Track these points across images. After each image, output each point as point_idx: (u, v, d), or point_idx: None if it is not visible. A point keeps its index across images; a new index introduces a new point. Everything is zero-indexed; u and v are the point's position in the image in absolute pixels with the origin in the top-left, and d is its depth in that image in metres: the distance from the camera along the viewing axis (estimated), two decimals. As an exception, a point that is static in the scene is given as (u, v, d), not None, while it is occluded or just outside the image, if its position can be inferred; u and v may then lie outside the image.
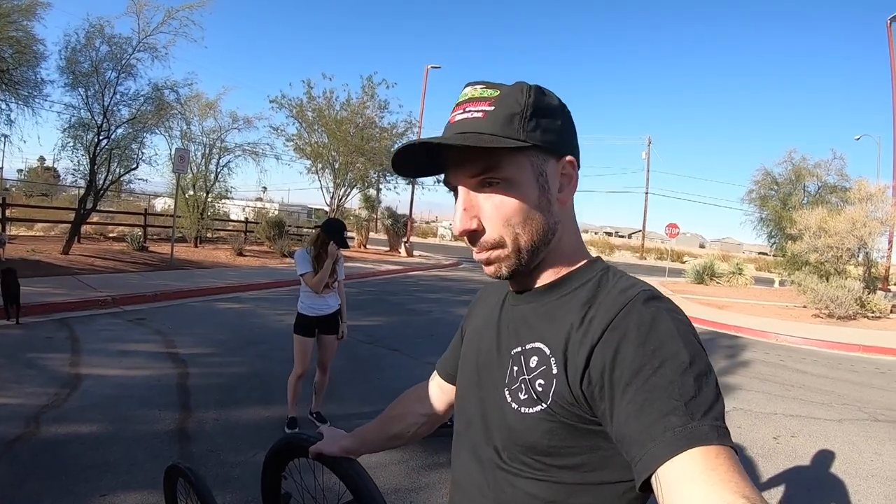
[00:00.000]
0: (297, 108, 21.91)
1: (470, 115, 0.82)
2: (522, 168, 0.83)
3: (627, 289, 0.80)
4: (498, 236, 0.84)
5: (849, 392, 6.76)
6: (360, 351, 6.77)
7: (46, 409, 4.18)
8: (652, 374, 0.69)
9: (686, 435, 0.63)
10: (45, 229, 17.43)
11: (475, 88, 0.84)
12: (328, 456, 1.26)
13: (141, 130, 13.96)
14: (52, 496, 2.99)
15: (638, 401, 0.68)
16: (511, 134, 0.80)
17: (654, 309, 0.75)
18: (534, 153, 0.83)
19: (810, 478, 4.12)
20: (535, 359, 0.83)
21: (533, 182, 0.83)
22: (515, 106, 0.81)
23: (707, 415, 0.66)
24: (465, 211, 0.85)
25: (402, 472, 3.65)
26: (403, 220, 27.35)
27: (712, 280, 23.16)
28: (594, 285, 0.85)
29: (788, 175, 21.66)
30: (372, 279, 15.67)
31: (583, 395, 0.76)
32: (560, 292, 0.88)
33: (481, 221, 0.85)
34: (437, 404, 1.25)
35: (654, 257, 47.19)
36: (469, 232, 0.85)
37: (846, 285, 13.53)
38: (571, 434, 0.79)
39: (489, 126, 0.80)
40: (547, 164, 0.85)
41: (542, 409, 0.80)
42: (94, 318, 7.51)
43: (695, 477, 0.60)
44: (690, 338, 0.73)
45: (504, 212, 0.83)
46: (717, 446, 0.63)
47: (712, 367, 0.72)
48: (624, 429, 0.69)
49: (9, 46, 10.55)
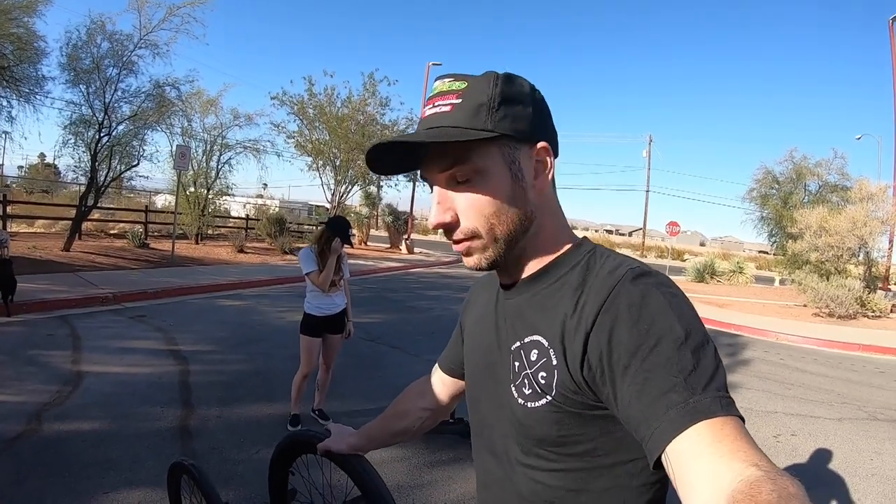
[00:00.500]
0: (299, 104, 21.92)
1: (438, 109, 0.82)
2: (493, 158, 0.82)
3: (615, 269, 0.80)
4: (473, 227, 0.84)
5: (849, 391, 6.76)
6: (361, 348, 6.77)
7: (48, 406, 4.18)
8: (649, 352, 0.68)
9: (689, 410, 0.63)
10: (45, 226, 17.43)
11: (444, 82, 0.84)
12: (336, 453, 1.28)
13: (142, 127, 13.96)
14: (54, 494, 3.00)
15: (638, 381, 0.68)
16: (478, 125, 0.79)
17: (643, 286, 0.75)
18: (504, 142, 0.82)
19: (810, 476, 4.13)
20: (535, 352, 0.83)
21: (505, 171, 0.83)
22: (482, 97, 0.80)
23: (708, 387, 0.65)
24: (440, 204, 0.85)
25: (404, 468, 3.66)
26: (404, 217, 27.33)
27: (713, 278, 23.14)
28: (583, 269, 0.84)
29: (789, 174, 21.66)
30: (373, 276, 15.67)
31: (584, 381, 0.76)
32: (549, 280, 0.87)
33: (456, 214, 0.85)
34: (439, 398, 1.25)
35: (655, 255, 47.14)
36: (444, 225, 0.85)
37: (846, 284, 13.53)
38: (579, 422, 0.79)
39: (456, 119, 0.80)
40: (519, 152, 0.84)
41: (547, 402, 0.80)
42: (96, 315, 7.52)
43: (702, 451, 0.60)
44: (684, 310, 0.73)
45: (477, 203, 0.83)
46: (721, 417, 0.63)
47: (710, 337, 0.72)
48: (629, 411, 0.69)
49: (10, 43, 10.54)
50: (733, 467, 0.57)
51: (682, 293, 0.77)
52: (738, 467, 0.56)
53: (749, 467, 0.56)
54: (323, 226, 4.29)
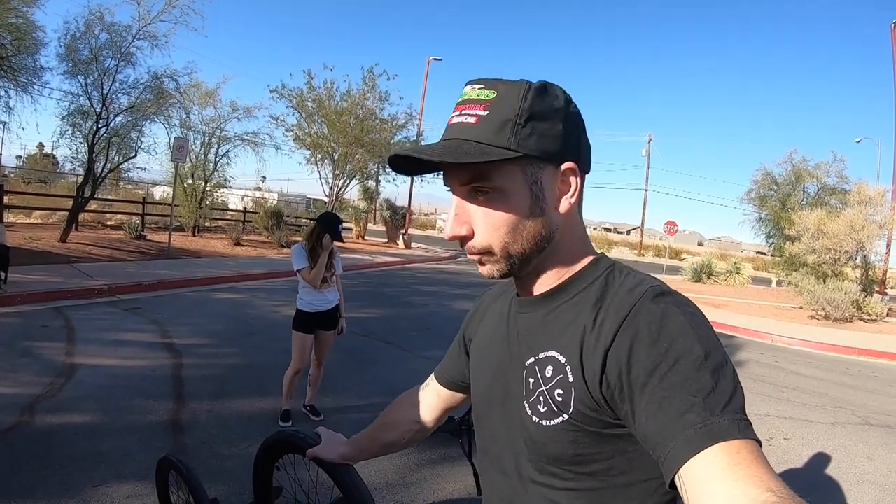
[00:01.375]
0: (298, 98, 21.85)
1: (464, 119, 0.80)
2: (513, 177, 0.80)
3: (635, 287, 0.79)
4: (487, 244, 0.83)
5: (842, 395, 6.78)
6: (354, 343, 6.76)
7: (41, 398, 4.18)
8: (667, 371, 0.68)
9: (706, 432, 0.62)
10: (42, 217, 17.39)
11: (474, 88, 0.82)
12: (326, 461, 1.27)
13: (140, 119, 13.93)
14: (45, 486, 3.00)
15: (656, 400, 0.67)
16: (501, 142, 0.77)
17: (663, 305, 0.74)
18: (527, 161, 0.80)
19: (802, 481, 4.13)
20: (551, 368, 0.82)
21: (525, 191, 0.81)
22: (510, 111, 0.78)
23: (726, 409, 0.65)
24: (457, 216, 0.84)
25: (393, 467, 3.66)
26: (402, 212, 27.31)
27: (710, 279, 23.18)
28: (601, 285, 0.83)
29: (788, 176, 21.70)
30: (369, 271, 15.68)
31: (603, 398, 0.75)
32: (566, 296, 0.86)
33: (472, 227, 0.83)
34: (432, 412, 1.23)
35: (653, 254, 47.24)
36: (459, 238, 0.84)
37: (843, 288, 13.57)
38: (596, 440, 0.78)
39: (480, 133, 0.78)
40: (543, 172, 0.82)
41: (564, 420, 0.79)
42: (90, 307, 7.51)
43: (717, 473, 0.59)
44: (704, 331, 0.72)
45: (493, 221, 0.82)
46: (739, 440, 0.62)
47: (729, 359, 0.71)
48: (646, 429, 0.68)
49: (9, 33, 10.50)
50: (748, 492, 0.56)
51: (702, 313, 0.77)
52: (753, 493, 0.56)
53: (764, 492, 0.55)
54: (314, 222, 4.29)
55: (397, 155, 0.81)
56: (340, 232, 4.17)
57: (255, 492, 1.57)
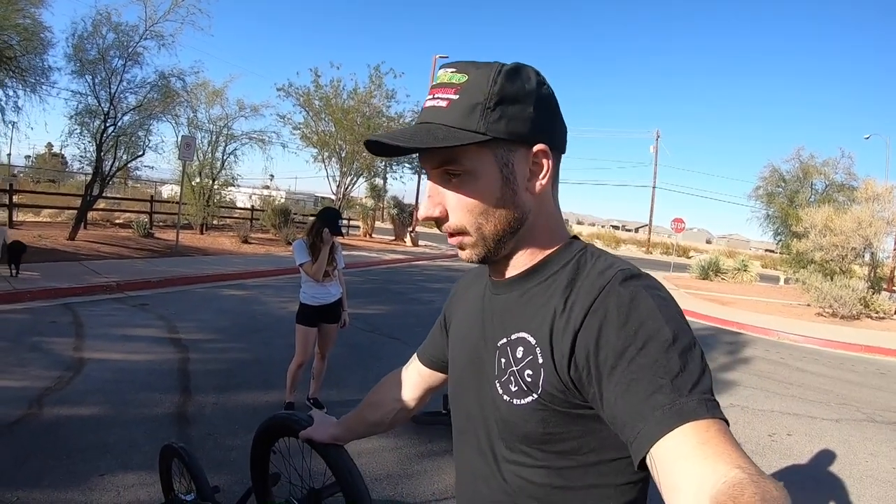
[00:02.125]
0: (305, 96, 21.91)
1: (436, 102, 0.81)
2: (484, 160, 0.81)
3: (605, 269, 0.80)
4: (460, 225, 0.85)
5: (848, 392, 6.75)
6: (360, 339, 6.81)
7: (49, 391, 4.23)
8: (636, 354, 0.69)
9: (675, 412, 0.63)
10: (51, 215, 17.52)
11: (446, 72, 0.83)
12: (318, 442, 1.30)
13: (147, 118, 13.99)
14: (52, 475, 3.05)
15: (624, 382, 0.68)
16: (471, 126, 0.78)
17: (632, 288, 0.75)
18: (498, 144, 0.81)
19: (804, 476, 4.13)
20: (521, 349, 0.83)
21: (496, 174, 0.82)
22: (478, 95, 0.78)
23: (694, 389, 0.65)
24: (430, 198, 0.86)
25: (394, 458, 3.69)
26: (409, 209, 27.30)
27: (717, 276, 23.08)
28: (573, 268, 0.84)
29: (796, 172, 21.62)
30: (376, 268, 15.72)
31: (571, 381, 0.76)
32: (539, 278, 0.87)
33: (445, 209, 0.85)
34: (414, 391, 1.25)
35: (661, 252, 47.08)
36: (432, 218, 0.86)
37: (850, 285, 13.48)
38: (564, 420, 0.80)
39: (450, 117, 0.79)
40: (514, 155, 0.82)
41: (533, 400, 0.80)
42: (99, 304, 7.58)
43: (687, 453, 0.60)
44: (672, 313, 0.73)
45: (465, 202, 0.83)
46: (707, 420, 0.63)
47: (697, 341, 0.72)
48: (614, 410, 0.69)
49: (16, 34, 10.58)
50: (717, 469, 0.57)
51: (671, 296, 0.78)
52: (722, 469, 0.57)
53: (733, 469, 0.56)
54: (314, 218, 4.35)
55: (370, 140, 0.83)
56: (340, 226, 4.24)
57: (253, 477, 1.59)
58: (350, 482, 1.26)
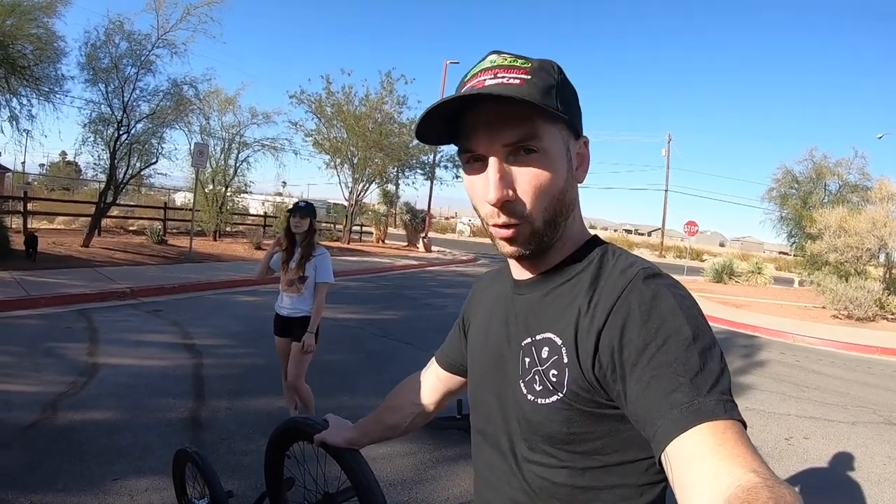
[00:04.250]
0: (316, 103, 22.09)
1: (504, 80, 0.78)
2: (557, 141, 0.82)
3: (627, 268, 0.80)
4: (530, 209, 0.81)
5: (864, 394, 6.67)
6: (373, 344, 6.82)
7: (63, 396, 4.26)
8: (656, 351, 0.69)
9: (693, 411, 0.63)
10: (66, 222, 17.71)
11: (503, 57, 0.82)
12: (333, 446, 1.30)
13: (160, 125, 14.16)
14: (65, 479, 3.06)
15: (645, 379, 0.68)
16: (550, 104, 0.78)
17: (654, 287, 0.76)
18: (564, 128, 0.83)
19: (821, 480, 4.08)
20: (547, 349, 0.83)
21: (564, 156, 0.83)
22: (550, 79, 0.80)
23: (713, 389, 0.65)
24: (502, 179, 0.80)
25: (409, 464, 3.68)
26: (422, 215, 27.39)
27: (731, 279, 22.92)
28: (596, 267, 0.84)
29: (809, 173, 21.44)
30: (389, 274, 15.74)
31: (596, 380, 0.77)
32: (563, 277, 0.87)
33: (516, 192, 0.81)
34: (432, 394, 1.25)
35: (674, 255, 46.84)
36: (506, 200, 0.80)
37: (866, 286, 13.34)
38: (589, 420, 0.80)
39: (530, 93, 0.77)
40: (571, 141, 0.85)
41: (558, 399, 0.81)
42: (113, 310, 7.63)
43: (703, 453, 0.60)
44: (693, 312, 0.74)
45: (539, 183, 0.81)
46: (724, 421, 0.63)
47: (716, 341, 0.72)
48: (636, 408, 0.69)
49: (30, 43, 10.75)
50: (732, 472, 0.57)
51: (691, 295, 0.78)
52: (737, 472, 0.56)
53: (748, 473, 0.56)
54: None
55: (438, 109, 0.79)
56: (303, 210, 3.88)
57: (267, 481, 1.59)
58: (365, 486, 1.25)
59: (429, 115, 0.80)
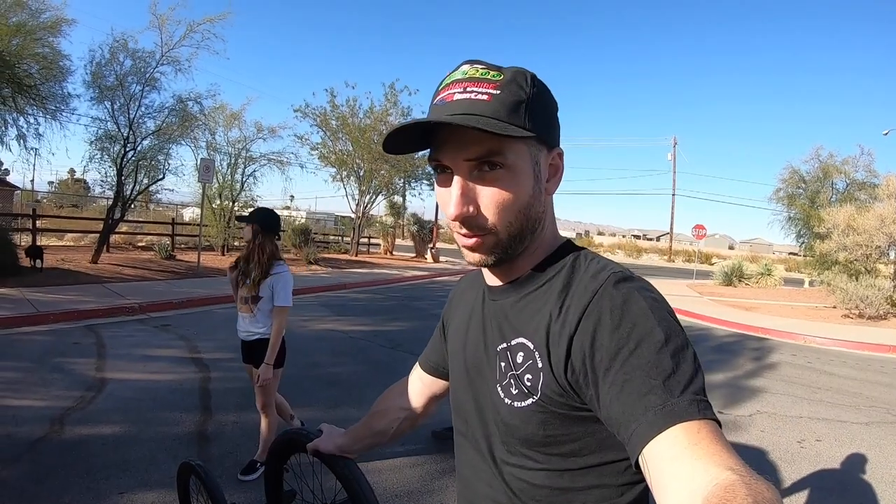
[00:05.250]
0: (321, 116, 22.20)
1: (472, 95, 0.78)
2: (523, 157, 0.81)
3: (598, 273, 0.81)
4: (492, 223, 0.82)
5: (877, 394, 6.60)
6: (381, 356, 6.83)
7: (71, 410, 4.28)
8: (629, 355, 0.69)
9: (666, 413, 0.64)
10: (75, 239, 17.85)
11: (475, 68, 0.81)
12: (325, 454, 1.29)
13: (166, 142, 14.25)
14: (72, 493, 3.07)
15: (618, 383, 0.68)
16: (517, 122, 0.78)
17: (625, 290, 0.76)
18: (532, 143, 0.82)
19: (834, 482, 4.03)
20: (521, 354, 0.84)
21: (530, 171, 0.83)
22: (521, 93, 0.79)
23: (686, 390, 0.66)
24: (463, 195, 0.81)
25: (415, 474, 3.67)
26: (429, 226, 27.44)
27: (741, 282, 22.78)
28: (568, 272, 0.85)
29: (816, 173, 21.34)
30: (397, 285, 15.75)
31: (569, 384, 0.77)
32: (536, 283, 0.88)
33: (478, 207, 0.81)
34: (418, 399, 1.26)
35: (683, 259, 46.68)
36: (466, 216, 0.81)
37: (876, 284, 13.20)
38: (565, 422, 0.80)
39: (495, 110, 0.77)
40: (541, 155, 0.84)
41: (533, 402, 0.81)
42: (121, 325, 7.67)
43: (678, 454, 0.60)
44: (664, 314, 0.74)
45: (501, 199, 0.81)
46: (698, 421, 0.63)
47: (689, 342, 0.72)
48: (609, 412, 0.69)
49: (36, 63, 10.87)
50: (709, 470, 0.57)
51: (664, 298, 0.78)
52: (713, 471, 0.57)
53: (724, 471, 0.56)
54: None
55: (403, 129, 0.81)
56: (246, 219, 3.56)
57: (267, 494, 1.59)
58: (359, 492, 1.25)
59: (392, 134, 0.81)
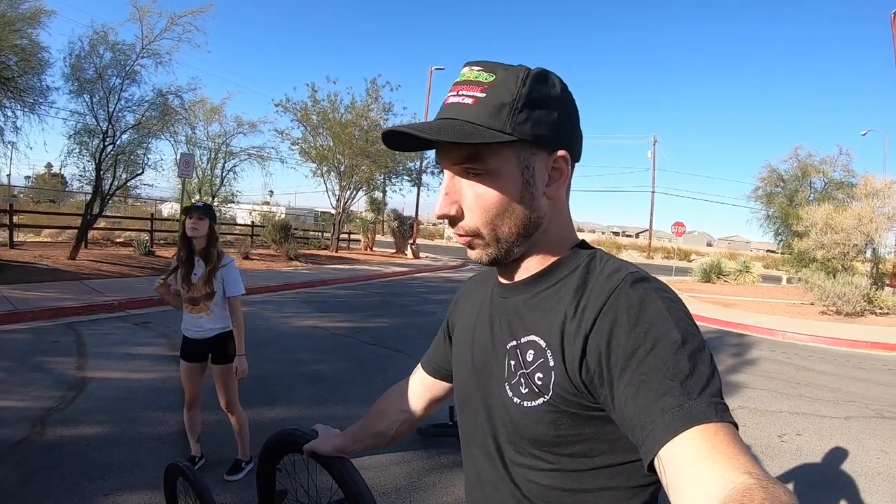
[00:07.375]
0: (302, 111, 22.04)
1: (461, 99, 0.80)
2: (506, 161, 0.81)
3: (614, 273, 0.80)
4: (475, 226, 0.84)
5: (856, 389, 6.72)
6: (363, 352, 6.80)
7: (52, 411, 4.21)
8: (646, 355, 0.69)
9: (683, 415, 0.63)
10: (52, 235, 17.52)
11: (472, 70, 0.82)
12: (321, 454, 1.28)
13: (146, 136, 14.07)
14: (55, 496, 3.02)
15: (634, 383, 0.68)
16: (497, 125, 0.77)
17: (642, 290, 0.75)
18: (521, 146, 0.80)
19: (816, 476, 4.10)
20: (532, 352, 0.83)
21: (517, 176, 0.81)
22: (506, 95, 0.78)
23: (704, 392, 0.65)
24: (447, 195, 0.84)
25: (402, 472, 3.66)
26: (409, 222, 27.36)
27: (719, 278, 23.03)
28: (583, 272, 0.83)
29: (794, 172, 21.68)
30: (378, 281, 15.71)
31: (583, 383, 0.76)
32: (549, 282, 0.87)
33: (461, 207, 0.84)
34: (418, 401, 1.24)
35: (662, 256, 47.08)
36: (447, 217, 0.85)
37: (853, 282, 13.44)
38: (576, 422, 0.79)
39: (476, 115, 0.78)
40: (535, 158, 0.82)
41: (544, 402, 0.80)
42: (101, 322, 7.56)
43: (695, 456, 0.60)
44: (681, 315, 0.73)
45: (483, 203, 0.82)
46: (716, 423, 0.63)
47: (706, 344, 0.72)
48: (624, 412, 0.69)
49: (14, 54, 10.64)
50: (726, 474, 0.57)
51: (680, 299, 0.78)
52: (730, 474, 0.56)
53: (741, 475, 0.56)
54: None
55: (393, 131, 0.82)
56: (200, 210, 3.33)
57: (259, 495, 1.57)
58: (357, 494, 1.24)
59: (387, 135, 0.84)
